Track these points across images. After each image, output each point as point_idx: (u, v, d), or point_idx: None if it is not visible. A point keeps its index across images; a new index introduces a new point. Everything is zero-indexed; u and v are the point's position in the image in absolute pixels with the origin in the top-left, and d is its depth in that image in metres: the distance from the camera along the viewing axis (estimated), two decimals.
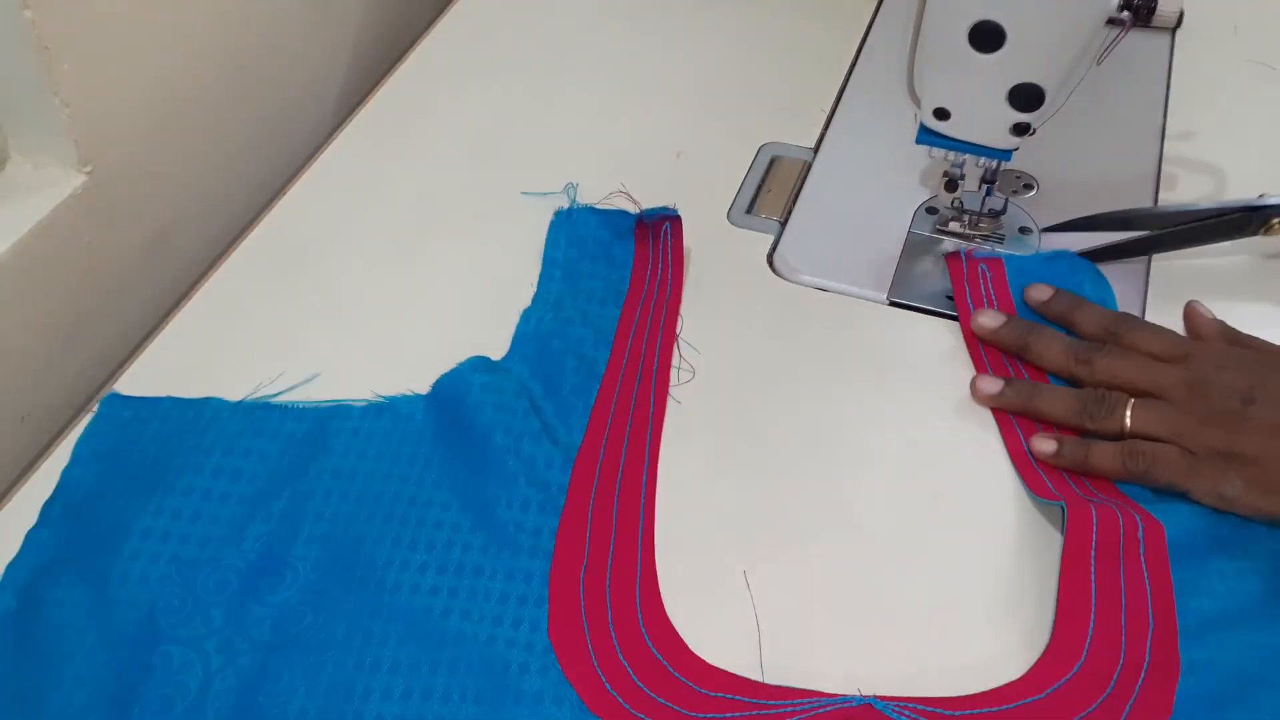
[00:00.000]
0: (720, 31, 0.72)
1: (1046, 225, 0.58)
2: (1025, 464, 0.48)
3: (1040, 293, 0.53)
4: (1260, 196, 0.54)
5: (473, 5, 0.75)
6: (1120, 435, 0.47)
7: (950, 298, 0.55)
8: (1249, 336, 0.50)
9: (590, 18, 0.74)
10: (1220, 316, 0.52)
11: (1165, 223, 0.55)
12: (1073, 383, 0.50)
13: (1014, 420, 0.49)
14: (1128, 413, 0.47)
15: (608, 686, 0.40)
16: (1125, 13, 0.48)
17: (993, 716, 0.39)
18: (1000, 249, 0.57)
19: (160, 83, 0.57)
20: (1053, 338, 0.51)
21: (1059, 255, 0.56)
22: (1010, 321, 0.52)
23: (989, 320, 0.52)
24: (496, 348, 0.52)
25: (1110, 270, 0.55)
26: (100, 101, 0.53)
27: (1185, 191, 0.61)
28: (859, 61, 0.70)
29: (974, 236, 0.58)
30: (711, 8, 0.74)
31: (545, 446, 0.47)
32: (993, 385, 0.50)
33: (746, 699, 0.40)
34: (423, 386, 0.50)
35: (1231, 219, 0.53)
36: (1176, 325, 0.52)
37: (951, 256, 0.56)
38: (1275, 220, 0.53)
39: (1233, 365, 0.47)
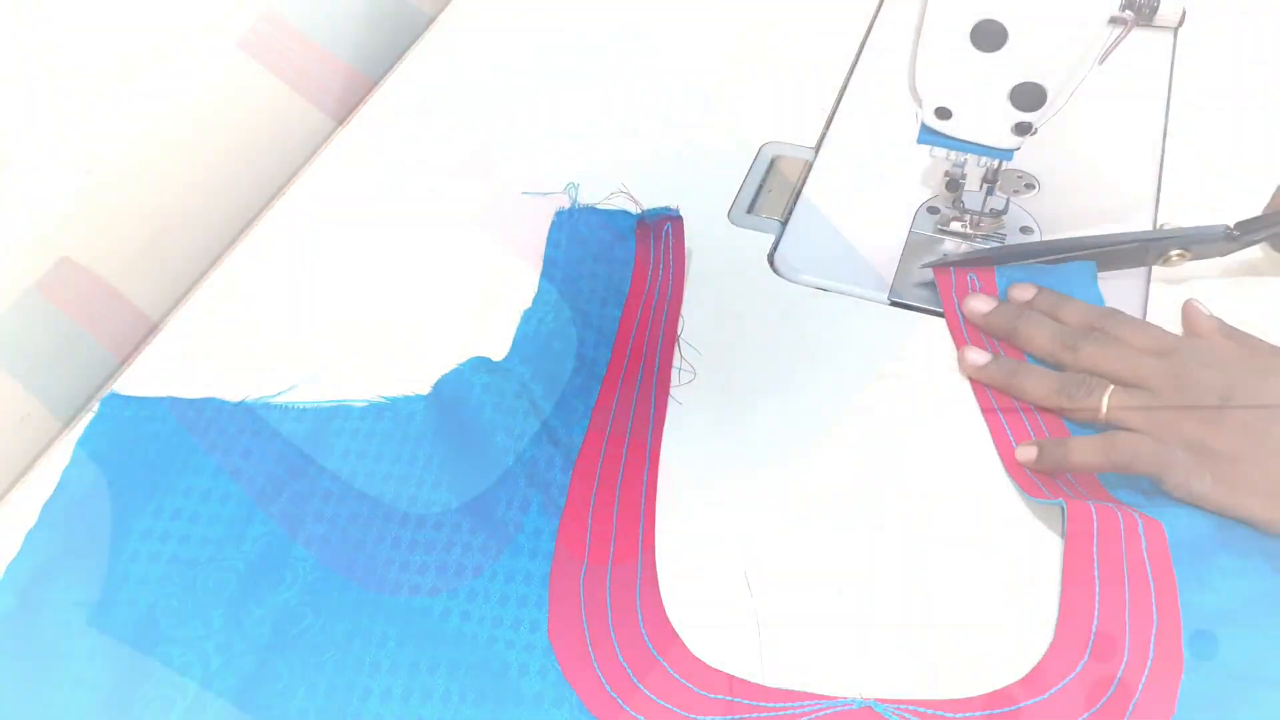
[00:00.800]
0: (720, 31, 0.72)
1: (928, 262, 0.55)
2: (1017, 467, 0.48)
3: (1024, 291, 0.53)
4: (1160, 226, 0.54)
5: (472, 5, 0.75)
6: (1096, 419, 0.47)
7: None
8: (1244, 334, 0.50)
9: (590, 18, 0.74)
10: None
11: (1061, 253, 0.54)
12: (1057, 370, 0.50)
13: (1003, 421, 0.49)
14: (1106, 397, 0.47)
15: (607, 688, 0.40)
16: (1127, 12, 0.47)
17: (995, 718, 0.39)
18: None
19: (160, 82, 0.56)
20: (1041, 322, 0.51)
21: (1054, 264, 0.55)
22: (1000, 306, 0.53)
23: (980, 304, 0.53)
24: (496, 348, 0.52)
25: (1108, 285, 0.54)
26: (100, 102, 0.53)
27: (1187, 190, 0.60)
28: (860, 61, 0.70)
29: (975, 236, 0.57)
30: (711, 7, 0.74)
31: (545, 447, 0.47)
32: (980, 357, 0.51)
33: (746, 701, 0.40)
34: (423, 387, 0.50)
35: (1128, 250, 0.53)
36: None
37: (940, 270, 0.55)
38: (1174, 253, 0.52)
39: (1216, 363, 0.47)
